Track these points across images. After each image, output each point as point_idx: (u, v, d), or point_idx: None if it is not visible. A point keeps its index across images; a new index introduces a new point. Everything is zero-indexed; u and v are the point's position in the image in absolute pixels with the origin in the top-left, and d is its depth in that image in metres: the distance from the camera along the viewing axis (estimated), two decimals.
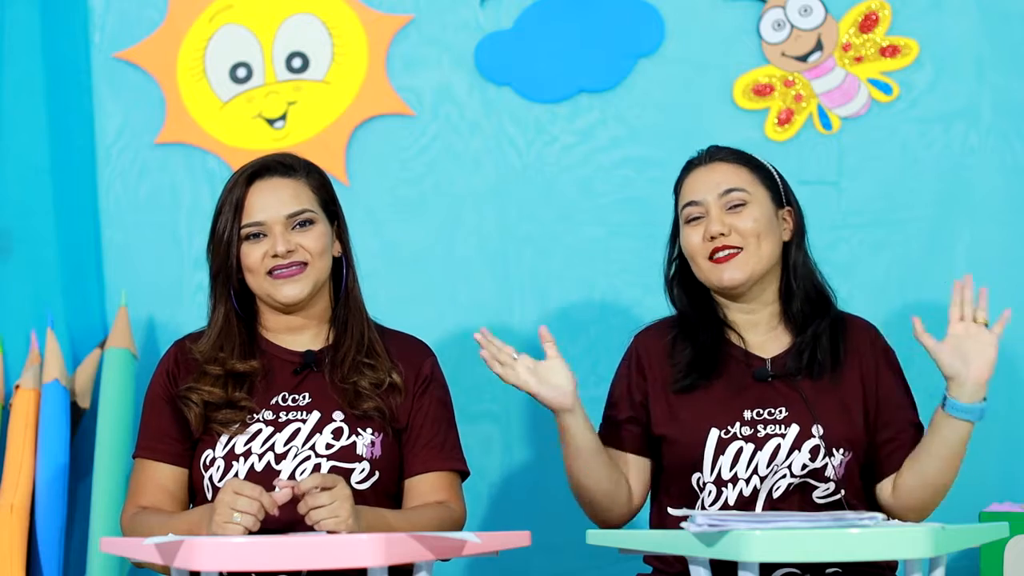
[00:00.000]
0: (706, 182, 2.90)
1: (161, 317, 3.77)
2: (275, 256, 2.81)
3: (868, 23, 3.70)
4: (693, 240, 2.88)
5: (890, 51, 3.70)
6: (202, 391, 2.80)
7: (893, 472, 2.85)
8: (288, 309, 2.86)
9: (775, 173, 2.95)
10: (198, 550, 2.31)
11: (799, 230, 2.94)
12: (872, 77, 3.70)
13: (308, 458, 2.76)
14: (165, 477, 2.83)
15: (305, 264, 2.82)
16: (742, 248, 2.85)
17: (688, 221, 2.90)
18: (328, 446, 2.78)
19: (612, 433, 2.92)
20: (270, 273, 2.82)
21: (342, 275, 2.92)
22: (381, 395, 2.82)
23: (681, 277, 2.96)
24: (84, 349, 3.72)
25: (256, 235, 2.82)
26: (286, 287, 2.82)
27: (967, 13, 3.69)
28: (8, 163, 3.76)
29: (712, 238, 2.85)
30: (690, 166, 2.95)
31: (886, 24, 3.70)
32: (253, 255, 2.82)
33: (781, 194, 2.93)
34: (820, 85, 3.71)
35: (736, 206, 2.87)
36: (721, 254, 2.85)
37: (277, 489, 2.58)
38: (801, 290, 2.91)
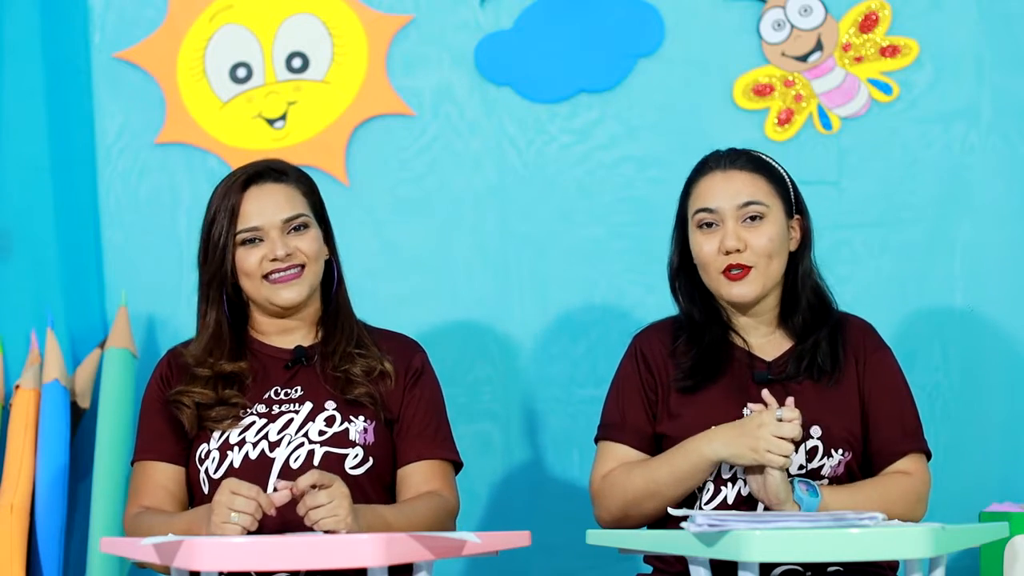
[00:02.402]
0: (724, 190, 2.85)
1: (161, 317, 3.77)
2: (274, 260, 2.82)
3: (868, 23, 3.70)
4: (706, 249, 2.85)
5: (890, 51, 3.70)
6: (193, 393, 2.81)
7: (878, 471, 2.86)
8: (283, 313, 2.87)
9: (789, 181, 2.92)
10: (198, 550, 2.31)
11: (806, 239, 2.92)
12: (872, 77, 3.70)
13: (301, 445, 2.77)
14: (164, 476, 2.84)
15: (302, 267, 2.84)
16: (753, 267, 2.84)
17: (700, 226, 2.86)
18: (321, 432, 2.79)
19: (641, 441, 2.88)
20: (267, 277, 2.83)
21: (331, 279, 2.92)
22: (372, 382, 2.84)
23: (685, 274, 2.95)
24: (84, 349, 3.72)
25: (252, 240, 2.83)
26: (284, 291, 2.84)
27: (967, 13, 3.69)
28: (8, 163, 3.76)
29: (727, 252, 2.84)
30: (706, 168, 2.90)
31: (886, 24, 3.70)
32: (250, 260, 2.83)
33: (792, 203, 2.92)
34: (820, 85, 3.71)
35: (753, 218, 2.84)
36: (734, 272, 2.84)
37: (275, 490, 2.58)
38: (804, 299, 2.90)
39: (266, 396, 2.83)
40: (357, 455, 2.80)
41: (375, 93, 3.79)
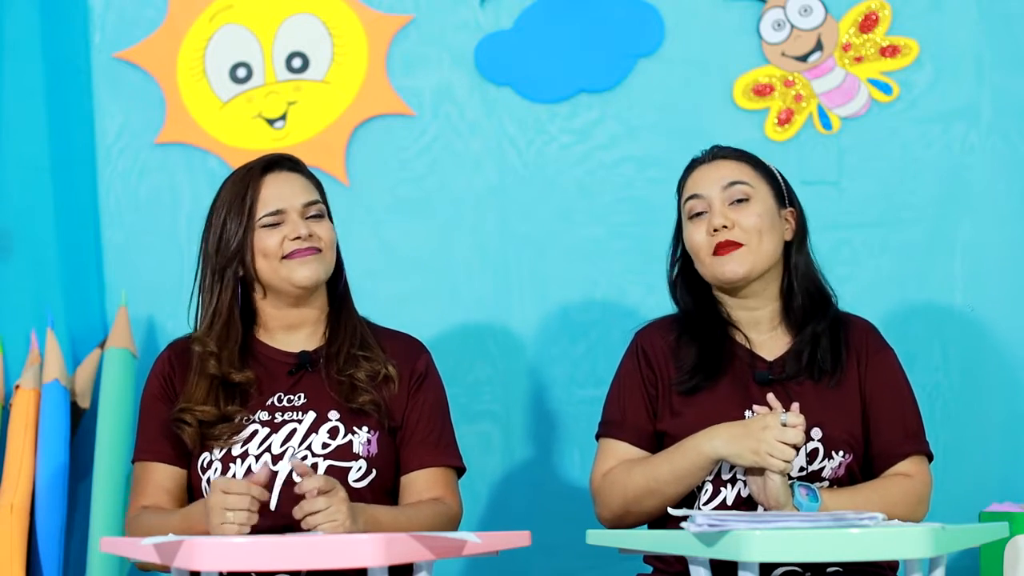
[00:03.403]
0: (709, 177, 2.89)
1: (161, 317, 3.77)
2: (296, 239, 2.82)
3: (868, 23, 3.70)
4: (696, 237, 2.88)
5: (890, 51, 3.70)
6: (195, 411, 2.79)
7: (879, 473, 2.86)
8: (296, 301, 2.86)
9: (777, 174, 2.95)
10: (198, 550, 2.30)
11: (801, 231, 2.94)
12: (872, 77, 3.70)
13: (305, 458, 2.76)
14: (164, 477, 2.83)
15: (319, 251, 2.84)
16: (743, 244, 2.85)
17: (691, 216, 2.89)
18: (324, 445, 2.78)
19: (641, 439, 2.88)
20: (286, 257, 2.83)
21: (336, 276, 2.92)
22: (376, 388, 2.83)
23: (684, 276, 2.96)
24: (84, 349, 3.72)
25: (273, 224, 2.83)
26: (302, 268, 2.82)
27: (967, 13, 3.69)
28: (8, 163, 3.76)
29: (715, 231, 2.85)
30: (693, 164, 2.95)
31: (886, 24, 3.70)
32: (271, 240, 2.83)
33: (784, 194, 2.93)
34: (820, 85, 3.71)
35: (739, 200, 2.86)
36: (724, 248, 2.85)
37: (259, 470, 2.59)
38: (802, 290, 2.91)
39: (269, 403, 2.82)
40: (360, 468, 2.79)
41: (375, 93, 3.79)
